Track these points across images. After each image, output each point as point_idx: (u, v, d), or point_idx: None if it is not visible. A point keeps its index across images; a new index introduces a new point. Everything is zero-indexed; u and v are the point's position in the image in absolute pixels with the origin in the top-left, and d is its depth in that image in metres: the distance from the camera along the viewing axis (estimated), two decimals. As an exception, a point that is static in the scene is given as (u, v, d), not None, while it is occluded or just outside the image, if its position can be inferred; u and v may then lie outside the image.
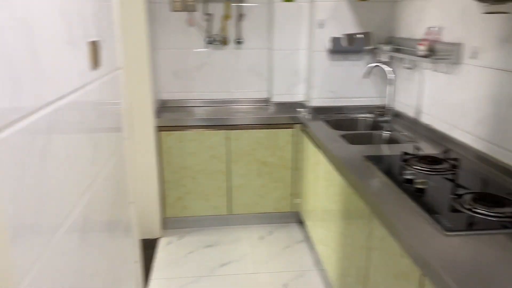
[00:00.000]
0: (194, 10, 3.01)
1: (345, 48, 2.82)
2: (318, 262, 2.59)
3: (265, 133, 2.87)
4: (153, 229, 2.87)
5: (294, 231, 2.99)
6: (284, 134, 2.88)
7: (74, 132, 1.15)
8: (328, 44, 2.83)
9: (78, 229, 1.15)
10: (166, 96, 3.17)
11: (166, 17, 3.01)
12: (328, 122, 2.67)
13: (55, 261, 0.96)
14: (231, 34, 3.10)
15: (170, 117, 2.83)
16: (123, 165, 1.80)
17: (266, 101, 3.23)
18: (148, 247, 2.74)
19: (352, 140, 2.26)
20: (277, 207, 3.02)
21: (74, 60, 1.17)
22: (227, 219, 3.04)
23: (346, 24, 2.82)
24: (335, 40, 2.80)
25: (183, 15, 3.02)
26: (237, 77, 3.20)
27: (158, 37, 3.04)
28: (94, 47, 1.36)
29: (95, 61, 1.37)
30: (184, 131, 2.80)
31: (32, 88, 0.89)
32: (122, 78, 1.79)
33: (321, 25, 2.79)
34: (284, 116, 2.86)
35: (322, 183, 2.33)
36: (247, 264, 2.59)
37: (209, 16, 3.03)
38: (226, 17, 3.05)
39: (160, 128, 2.79)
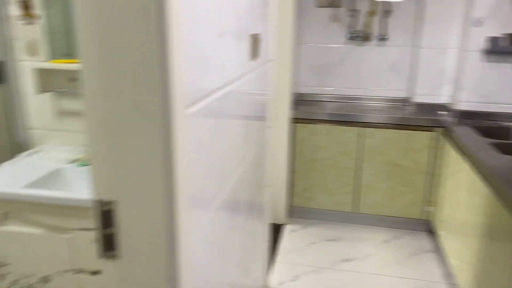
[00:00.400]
0: (339, 6, 3.02)
1: (504, 48, 2.56)
2: (448, 276, 2.43)
3: (400, 133, 2.76)
4: (280, 215, 2.99)
5: (422, 239, 2.84)
6: (422, 137, 2.74)
7: (234, 116, 1.28)
8: (483, 44, 2.60)
9: (228, 201, 1.28)
10: (302, 89, 3.26)
11: (311, 12, 3.08)
12: (477, 128, 2.47)
13: (211, 227, 1.09)
14: (375, 31, 3.04)
15: (305, 110, 2.91)
16: (264, 151, 1.92)
17: (404, 100, 3.11)
18: (275, 231, 2.88)
19: (505, 150, 2.06)
20: (406, 213, 2.90)
21: (239, 51, 1.29)
22: (351, 217, 3.02)
23: (507, 23, 2.55)
24: (493, 40, 2.56)
25: (327, 11, 3.06)
26: (375, 75, 3.14)
27: (302, 32, 3.13)
28: (255, 39, 1.47)
29: (254, 53, 1.48)
30: (317, 125, 2.85)
31: (213, 73, 1.01)
32: (272, 70, 1.91)
33: (478, 23, 2.58)
34: (424, 118, 2.72)
35: (463, 193, 2.17)
36: (370, 264, 2.55)
37: (354, 12, 3.02)
38: (372, 13, 3.00)
39: (295, 120, 2.88)
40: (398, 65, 3.08)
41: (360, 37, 3.06)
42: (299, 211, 3.09)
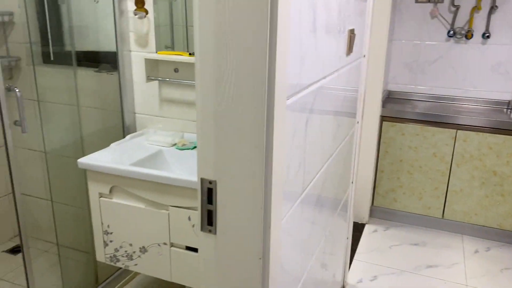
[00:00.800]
0: (440, 2, 2.88)
1: None
2: (545, 296, 2.23)
3: (501, 139, 2.57)
4: (361, 214, 2.96)
5: (518, 254, 2.63)
6: (526, 144, 2.53)
7: (325, 110, 1.31)
8: None
9: (313, 195, 1.32)
10: (393, 87, 3.16)
11: (408, 7, 2.98)
12: None
13: (295, 218, 1.14)
14: (478, 28, 2.85)
15: (396, 108, 2.82)
16: (351, 148, 1.92)
17: (509, 103, 2.88)
18: (355, 230, 2.85)
19: None
20: (501, 224, 2.70)
21: (335, 46, 1.31)
22: (439, 223, 2.89)
23: None
24: None
25: (427, 6, 2.93)
26: (475, 74, 2.94)
27: (396, 27, 3.03)
28: (350, 34, 1.48)
29: (350, 48, 1.49)
30: (408, 124, 2.76)
31: (310, 67, 1.05)
32: (364, 65, 1.89)
33: None
34: (530, 123, 2.51)
35: None
36: (456, 273, 2.43)
37: (456, 7, 2.85)
38: (475, 9, 2.81)
39: (384, 118, 2.81)
40: (503, 65, 2.86)
41: (460, 34, 2.89)
42: (382, 211, 3.02)
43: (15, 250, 2.52)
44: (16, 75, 2.36)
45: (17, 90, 1.65)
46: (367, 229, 2.90)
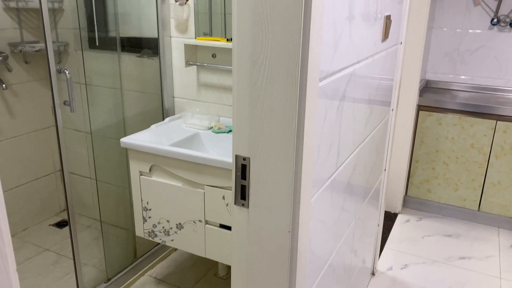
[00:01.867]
0: (483, -13, 2.79)
1: None
2: None
3: (544, 131, 2.49)
4: (393, 204, 2.95)
5: (557, 250, 2.55)
6: None
7: (358, 95, 1.33)
8: None
9: (343, 182, 1.35)
10: (431, 76, 3.10)
11: (450, -6, 2.90)
12: None
13: (330, 196, 1.18)
14: (524, 15, 2.75)
15: (433, 97, 2.78)
16: (384, 136, 1.93)
17: (554, 95, 2.77)
18: (386, 219, 2.85)
19: None
20: (540, 218, 2.63)
21: (370, 32, 1.33)
22: (474, 215, 2.84)
23: None
24: None
25: (470, -8, 2.84)
26: (520, 64, 2.84)
27: (436, 15, 2.97)
28: (387, 20, 1.49)
29: (385, 34, 1.50)
30: (445, 114, 2.71)
31: (344, 51, 1.08)
32: (401, 53, 1.89)
33: None
34: None
35: None
36: (490, 266, 2.39)
37: (500, -6, 2.76)
38: (522, -5, 2.71)
39: (421, 107, 2.78)
40: (550, 54, 2.75)
41: (505, 22, 2.79)
42: (415, 202, 2.99)
43: (61, 224, 2.70)
44: (64, 59, 2.50)
45: (67, 72, 1.76)
46: (399, 219, 2.89)
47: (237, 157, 0.96)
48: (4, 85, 2.32)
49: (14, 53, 2.37)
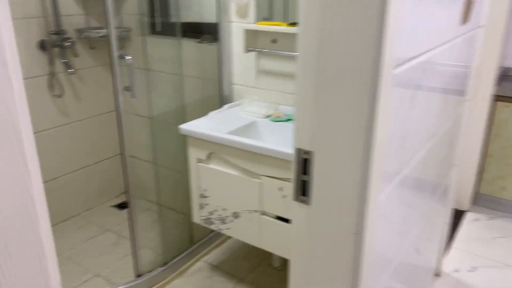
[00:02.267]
0: None
1: None
2: None
3: None
4: (462, 201, 2.75)
5: None
6: None
7: (433, 85, 1.21)
8: None
9: (412, 177, 1.24)
10: (511, 63, 2.82)
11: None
12: None
13: (399, 194, 1.09)
14: None
15: (513, 87, 2.53)
16: (457, 128, 1.77)
17: None
18: (454, 216, 2.66)
19: None
20: None
21: (449, 15, 1.19)
22: (555, 217, 2.58)
23: None
24: None
25: (562, -32, 2.53)
26: None
27: (521, -5, 2.68)
28: (469, 2, 1.33)
29: (466, 16, 1.35)
30: (527, 105, 2.46)
31: (420, 36, 0.97)
32: (480, 37, 1.71)
33: None
34: None
35: None
36: None
37: None
38: None
39: (497, 98, 2.54)
40: None
41: None
42: (486, 200, 2.77)
43: (121, 206, 2.79)
44: (127, 45, 2.55)
45: (129, 58, 1.77)
46: (468, 217, 2.69)
47: (299, 150, 0.89)
48: (72, 70, 2.41)
49: (80, 39, 2.45)
